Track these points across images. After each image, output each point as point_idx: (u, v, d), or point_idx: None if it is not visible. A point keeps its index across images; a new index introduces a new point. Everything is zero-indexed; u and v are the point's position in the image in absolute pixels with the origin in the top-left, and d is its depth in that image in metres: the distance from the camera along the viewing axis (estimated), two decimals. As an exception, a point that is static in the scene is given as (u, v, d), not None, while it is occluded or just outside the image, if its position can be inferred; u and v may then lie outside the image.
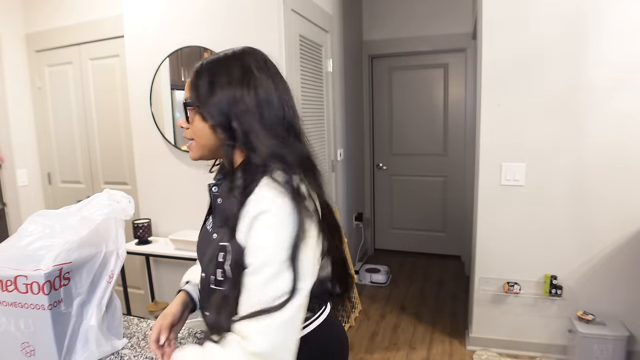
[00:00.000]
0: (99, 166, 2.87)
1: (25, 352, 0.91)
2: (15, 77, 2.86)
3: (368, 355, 2.52)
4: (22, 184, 2.91)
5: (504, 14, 2.22)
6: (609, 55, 2.10)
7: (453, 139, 3.94)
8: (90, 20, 2.67)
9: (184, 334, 1.12)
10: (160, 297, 2.63)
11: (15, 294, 0.88)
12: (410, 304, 3.18)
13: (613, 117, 2.14)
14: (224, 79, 0.82)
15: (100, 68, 2.75)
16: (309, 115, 2.54)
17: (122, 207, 1.05)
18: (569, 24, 2.13)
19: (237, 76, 0.82)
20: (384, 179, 4.23)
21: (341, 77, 3.20)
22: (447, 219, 4.09)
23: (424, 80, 3.96)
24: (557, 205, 2.28)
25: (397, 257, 4.11)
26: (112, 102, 2.73)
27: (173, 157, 2.45)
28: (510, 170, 2.32)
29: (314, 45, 2.61)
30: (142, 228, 2.40)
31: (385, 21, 3.90)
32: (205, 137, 0.84)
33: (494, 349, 2.48)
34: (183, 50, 2.30)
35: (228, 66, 0.85)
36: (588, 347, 2.14)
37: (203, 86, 0.82)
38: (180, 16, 2.31)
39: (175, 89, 2.35)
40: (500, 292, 2.43)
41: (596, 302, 2.28)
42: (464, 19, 3.62)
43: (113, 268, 1.01)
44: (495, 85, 2.28)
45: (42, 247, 0.90)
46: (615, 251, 2.23)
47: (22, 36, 2.89)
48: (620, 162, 2.16)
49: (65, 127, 2.93)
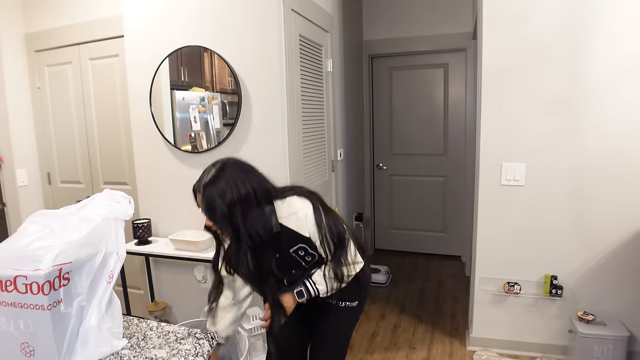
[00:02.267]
0: (99, 166, 2.87)
1: (24, 352, 0.91)
2: (15, 77, 2.86)
3: (368, 356, 2.51)
4: (21, 184, 2.91)
5: (504, 14, 2.22)
6: (609, 54, 2.10)
7: (453, 139, 3.94)
8: (90, 20, 2.67)
9: (184, 334, 1.12)
10: (160, 297, 2.63)
11: (14, 294, 0.88)
12: (410, 304, 3.18)
13: (614, 117, 2.14)
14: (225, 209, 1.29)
15: (100, 68, 2.75)
16: (309, 115, 2.54)
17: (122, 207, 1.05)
18: (569, 23, 2.13)
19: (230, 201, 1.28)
20: (384, 179, 4.23)
21: (341, 77, 3.20)
22: (447, 219, 4.09)
23: (424, 80, 3.96)
24: (557, 205, 2.28)
25: (397, 257, 4.11)
26: (111, 102, 2.73)
27: (173, 157, 2.45)
28: (510, 170, 2.31)
29: (314, 45, 2.61)
30: (142, 228, 2.40)
31: (386, 21, 3.90)
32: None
33: (494, 349, 2.48)
34: (183, 50, 2.29)
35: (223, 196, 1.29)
36: (588, 347, 2.13)
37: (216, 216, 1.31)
38: (180, 16, 2.30)
39: (175, 89, 2.35)
40: (501, 292, 2.43)
41: (596, 302, 2.28)
42: (464, 19, 3.62)
43: (113, 268, 1.01)
44: (495, 85, 2.28)
45: (42, 247, 0.90)
46: (616, 251, 2.23)
47: (22, 36, 2.89)
48: (620, 163, 2.16)
49: (65, 127, 2.93)
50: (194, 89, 2.31)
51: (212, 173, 1.29)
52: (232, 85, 2.23)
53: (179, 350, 1.04)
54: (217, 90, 2.26)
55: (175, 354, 1.02)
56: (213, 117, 2.30)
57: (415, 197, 4.15)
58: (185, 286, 2.55)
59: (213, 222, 1.30)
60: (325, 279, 1.39)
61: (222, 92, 2.26)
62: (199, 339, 1.10)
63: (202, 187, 1.28)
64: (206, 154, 2.34)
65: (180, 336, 1.11)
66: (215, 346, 1.29)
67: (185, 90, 2.33)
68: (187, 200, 2.45)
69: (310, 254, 1.39)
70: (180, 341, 1.09)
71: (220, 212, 1.26)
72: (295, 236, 1.35)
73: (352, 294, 1.53)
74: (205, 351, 1.07)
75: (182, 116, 2.35)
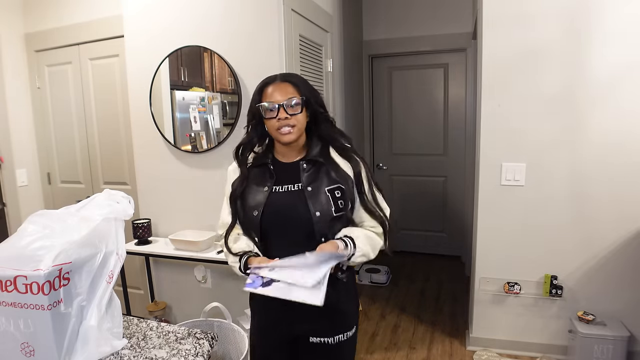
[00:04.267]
0: (99, 166, 2.87)
1: (24, 352, 0.91)
2: (15, 77, 2.86)
3: (368, 356, 2.51)
4: (21, 184, 2.91)
5: (504, 13, 2.22)
6: (609, 53, 2.10)
7: (453, 139, 3.94)
8: (90, 20, 2.67)
9: (184, 334, 1.12)
10: (160, 297, 2.63)
11: (14, 294, 0.88)
12: (410, 304, 3.18)
13: (614, 117, 2.14)
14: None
15: (100, 68, 2.75)
16: (309, 115, 2.54)
17: (121, 207, 1.05)
18: (569, 23, 2.13)
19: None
20: (384, 179, 4.23)
21: (341, 77, 3.20)
22: (447, 219, 4.09)
23: (424, 80, 3.96)
24: (557, 205, 2.28)
25: (397, 257, 4.11)
26: (111, 102, 2.73)
27: (173, 157, 2.45)
28: (510, 170, 2.31)
29: (314, 45, 2.61)
30: (142, 228, 2.40)
31: (386, 21, 3.90)
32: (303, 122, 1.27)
33: (494, 349, 2.48)
34: (183, 50, 2.29)
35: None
36: (588, 347, 2.13)
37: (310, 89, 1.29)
38: (180, 16, 2.30)
39: (175, 88, 2.35)
40: (501, 292, 2.43)
41: (596, 302, 2.28)
42: (464, 19, 3.62)
43: (113, 268, 1.01)
44: (495, 85, 2.28)
45: (42, 247, 0.90)
46: (616, 251, 2.23)
47: (22, 36, 2.89)
48: (620, 162, 2.16)
49: (65, 127, 2.93)
50: (194, 89, 2.31)
51: None
52: (232, 85, 2.23)
53: (179, 350, 1.04)
54: (217, 90, 2.26)
55: (175, 354, 1.02)
56: (213, 117, 2.30)
57: (415, 197, 4.15)
58: (185, 286, 2.55)
59: (300, 93, 1.24)
60: (364, 238, 1.23)
61: (222, 92, 2.26)
62: (199, 339, 1.10)
63: (285, 75, 1.28)
64: (206, 154, 2.34)
65: (180, 336, 1.11)
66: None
67: (185, 90, 2.33)
68: (188, 200, 2.47)
69: (345, 199, 1.24)
70: (180, 341, 1.09)
71: (310, 87, 1.27)
72: (342, 174, 1.26)
73: (345, 316, 1.32)
74: (205, 351, 1.07)
75: (182, 116, 2.35)
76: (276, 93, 1.23)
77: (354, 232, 1.23)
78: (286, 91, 1.23)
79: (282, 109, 1.21)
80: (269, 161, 1.30)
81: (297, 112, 1.22)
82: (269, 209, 1.24)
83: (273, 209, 1.24)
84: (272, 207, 1.24)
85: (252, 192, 1.28)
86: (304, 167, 1.28)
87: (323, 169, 1.27)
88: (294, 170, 1.28)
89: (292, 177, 1.27)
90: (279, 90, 1.23)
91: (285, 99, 1.21)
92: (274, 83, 1.25)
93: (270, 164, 1.30)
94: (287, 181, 1.27)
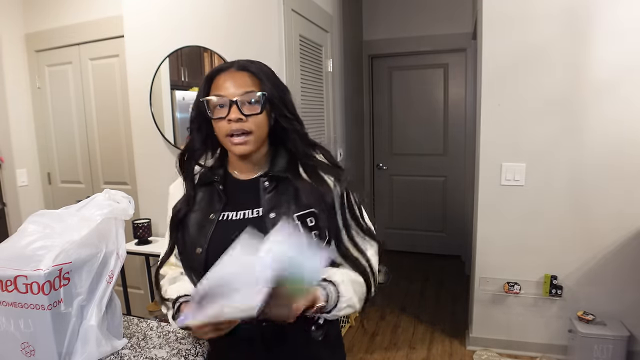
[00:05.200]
0: (99, 166, 2.87)
1: (25, 352, 0.91)
2: (15, 77, 2.86)
3: (368, 355, 2.51)
4: (22, 184, 2.91)
5: (504, 13, 2.22)
6: (609, 53, 2.11)
7: (453, 139, 3.94)
8: (90, 20, 2.67)
9: (184, 334, 1.12)
10: (160, 297, 2.62)
11: (15, 294, 0.88)
12: (410, 304, 3.18)
13: (614, 117, 2.14)
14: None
15: (100, 68, 2.74)
16: (309, 115, 2.54)
17: (122, 207, 1.05)
18: (569, 23, 2.13)
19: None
20: (384, 179, 4.23)
21: (341, 77, 3.20)
22: (447, 219, 4.09)
23: (424, 80, 3.96)
24: (557, 205, 2.28)
25: (397, 257, 4.11)
26: (112, 102, 2.73)
27: (173, 157, 2.42)
28: (510, 170, 2.31)
29: (314, 45, 2.61)
30: (142, 228, 2.40)
31: (386, 21, 3.90)
32: (264, 127, 0.95)
33: (494, 349, 2.48)
34: (183, 50, 2.29)
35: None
36: (588, 347, 2.14)
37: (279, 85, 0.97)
38: (180, 16, 2.30)
39: (175, 88, 2.34)
40: (500, 292, 2.43)
41: (596, 302, 2.28)
42: (464, 19, 3.62)
43: (113, 268, 1.01)
44: (495, 85, 2.28)
45: (42, 247, 0.90)
46: (616, 251, 2.23)
47: (22, 36, 2.89)
48: (620, 162, 2.16)
49: (65, 127, 2.93)
50: (194, 89, 2.31)
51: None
52: (232, 85, 2.23)
53: (179, 350, 1.04)
54: (217, 90, 2.26)
55: (175, 354, 1.03)
56: (213, 117, 2.29)
57: (415, 197, 4.15)
58: (185, 286, 2.55)
59: (262, 87, 0.92)
60: (350, 283, 0.92)
61: (222, 92, 2.26)
62: (199, 338, 1.10)
63: (244, 62, 0.95)
64: (206, 154, 2.34)
65: (180, 336, 1.11)
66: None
67: (185, 90, 2.33)
68: (187, 200, 2.46)
69: (320, 228, 0.92)
70: (180, 341, 1.09)
71: (277, 81, 0.96)
72: (317, 194, 0.93)
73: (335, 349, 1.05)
74: (206, 351, 1.07)
75: (182, 116, 2.35)
76: (229, 84, 0.91)
77: (336, 275, 0.91)
78: (243, 83, 0.91)
79: (235, 107, 0.89)
80: (217, 178, 0.98)
81: (256, 112, 0.90)
82: (216, 245, 0.90)
83: (222, 245, 0.79)
84: (220, 244, 0.83)
85: (195, 221, 0.97)
86: (265, 185, 0.95)
87: (290, 189, 0.95)
88: (252, 190, 0.96)
89: (249, 200, 0.95)
90: (232, 81, 0.91)
91: (240, 93, 0.90)
92: (227, 71, 0.93)
93: (220, 182, 0.98)
94: (243, 205, 0.95)
